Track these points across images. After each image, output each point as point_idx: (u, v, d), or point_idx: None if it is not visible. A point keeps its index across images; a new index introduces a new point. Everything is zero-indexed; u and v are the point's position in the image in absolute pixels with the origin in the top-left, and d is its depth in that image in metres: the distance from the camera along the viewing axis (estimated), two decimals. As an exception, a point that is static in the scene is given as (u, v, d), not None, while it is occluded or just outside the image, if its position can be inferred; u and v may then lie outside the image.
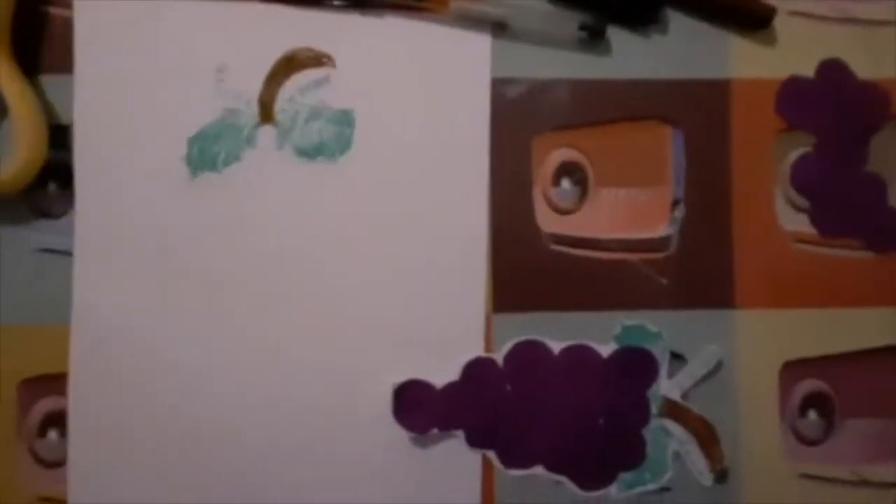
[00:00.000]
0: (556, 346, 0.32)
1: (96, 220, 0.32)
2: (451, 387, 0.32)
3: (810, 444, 0.33)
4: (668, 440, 0.32)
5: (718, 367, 0.32)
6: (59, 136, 0.32)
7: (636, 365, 0.32)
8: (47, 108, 0.32)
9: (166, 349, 0.32)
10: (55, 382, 0.32)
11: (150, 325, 0.32)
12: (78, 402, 0.32)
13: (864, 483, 0.33)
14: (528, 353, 0.32)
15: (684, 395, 0.32)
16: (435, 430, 0.32)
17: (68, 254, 0.32)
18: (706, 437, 0.32)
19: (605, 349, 0.32)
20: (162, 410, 0.32)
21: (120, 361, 0.32)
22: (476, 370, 0.32)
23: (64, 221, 0.32)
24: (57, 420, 0.32)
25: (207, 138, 0.32)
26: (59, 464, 0.32)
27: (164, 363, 0.32)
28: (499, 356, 0.32)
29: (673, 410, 0.32)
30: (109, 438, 0.32)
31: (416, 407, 0.32)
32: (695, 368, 0.32)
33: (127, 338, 0.32)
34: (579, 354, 0.32)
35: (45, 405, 0.32)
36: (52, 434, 0.32)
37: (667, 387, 0.32)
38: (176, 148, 0.32)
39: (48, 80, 0.32)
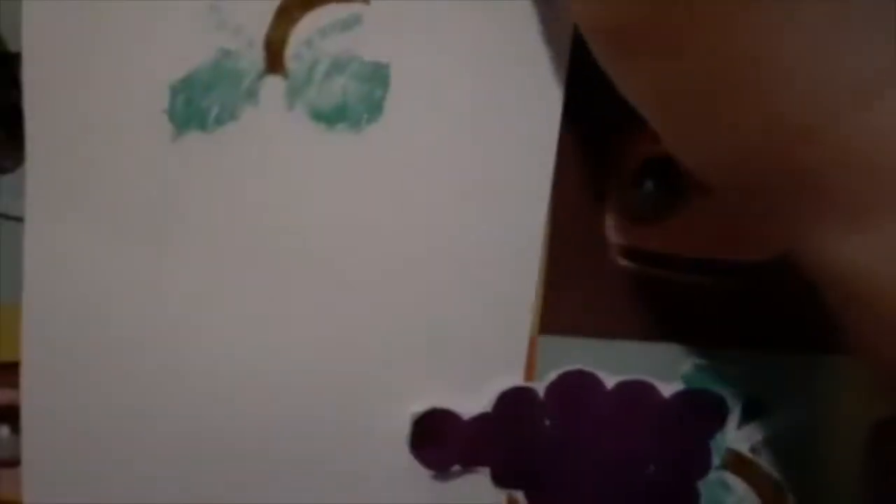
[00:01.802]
0: (609, 381, 0.26)
1: (52, 177, 0.25)
2: (480, 419, 0.25)
3: (894, 514, 0.27)
4: (727, 496, 0.26)
5: (803, 422, 0.26)
6: (6, 67, 0.24)
7: (702, 410, 0.26)
8: (-13, 30, 0.23)
9: (136, 337, 0.26)
10: (6, 372, 0.26)
11: (118, 308, 0.26)
12: (32, 394, 0.26)
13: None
14: (576, 386, 0.26)
15: (754, 449, 0.26)
16: (457, 467, 0.25)
17: (18, 219, 0.24)
18: (773, 499, 0.26)
19: (669, 388, 0.26)
20: (132, 407, 0.26)
21: (80, 348, 0.26)
22: (512, 401, 0.25)
23: (12, 178, 0.24)
24: (9, 415, 0.26)
25: (196, 87, 0.24)
26: (12, 463, 0.27)
27: (133, 353, 0.26)
28: (541, 386, 0.25)
29: (738, 464, 0.26)
30: (69, 435, 0.26)
31: (438, 440, 0.26)
32: (774, 421, 0.26)
33: (89, 322, 0.26)
34: (637, 392, 0.26)
35: None
36: (4, 430, 0.27)
37: (735, 437, 0.26)
38: (156, 96, 0.25)
39: (-12, -9, 0.23)
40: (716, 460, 0.27)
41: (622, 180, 0.26)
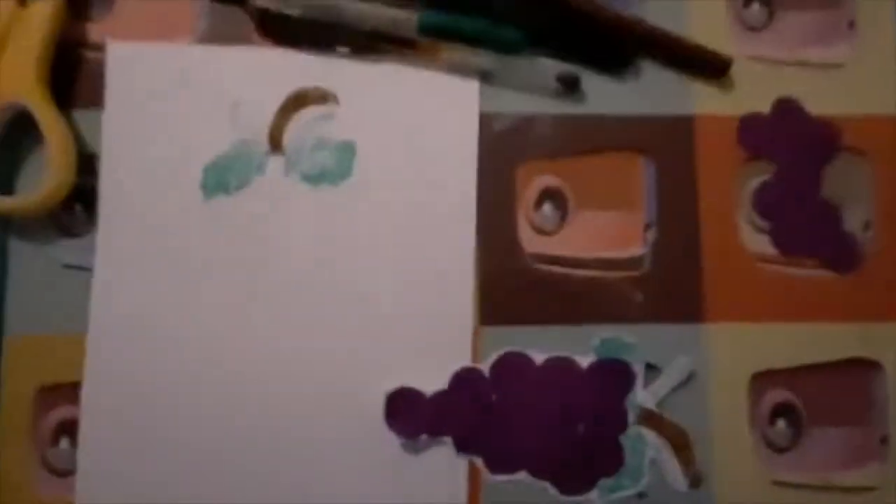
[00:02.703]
0: (538, 358, 0.33)
1: (117, 238, 0.33)
2: (439, 395, 0.32)
3: (780, 451, 0.33)
4: (645, 447, 0.32)
5: (691, 377, 0.33)
6: (87, 163, 0.34)
7: (614, 375, 0.33)
8: (78, 138, 0.33)
9: (177, 360, 0.33)
10: (70, 391, 0.32)
11: (163, 337, 0.33)
12: (90, 410, 0.32)
13: (834, 488, 0.32)
14: (513, 364, 0.32)
15: (659, 404, 0.33)
16: (424, 436, 0.32)
17: (88, 270, 0.33)
18: (679, 443, 0.32)
19: (585, 360, 0.33)
20: (176, 424, 0.32)
21: (133, 372, 0.33)
22: (463, 379, 0.32)
23: (86, 240, 0.33)
24: (70, 428, 0.32)
25: (222, 166, 0.34)
26: (69, 473, 0.32)
27: (175, 374, 0.33)
28: (485, 366, 0.32)
29: (649, 418, 0.32)
30: (119, 448, 0.32)
31: (407, 413, 0.32)
32: (668, 378, 0.33)
33: (140, 349, 0.33)
34: (560, 365, 0.33)
35: (59, 413, 0.32)
36: (65, 442, 0.32)
37: (643, 396, 0.33)
38: (193, 175, 0.34)
39: (80, 114, 0.34)
40: (632, 418, 0.33)
41: (526, 206, 0.35)
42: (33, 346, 0.32)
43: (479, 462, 0.32)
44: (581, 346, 0.33)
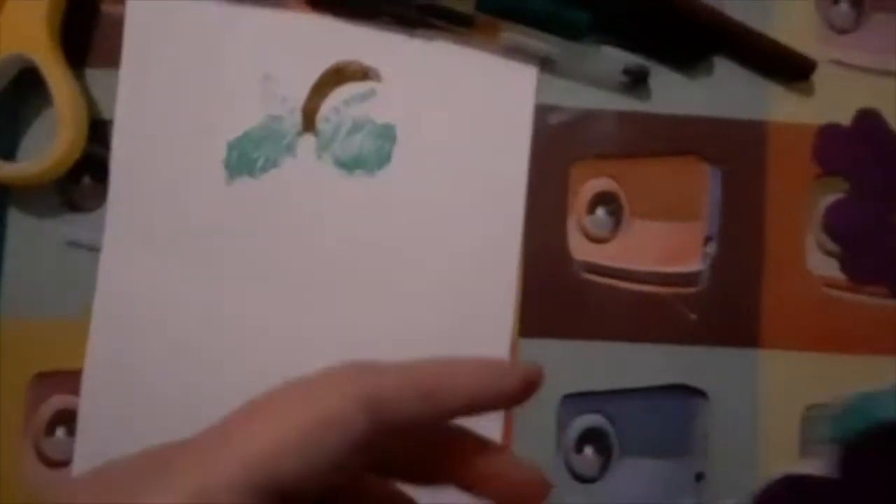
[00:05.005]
0: None
1: (128, 216, 0.29)
2: None
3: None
4: None
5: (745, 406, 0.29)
6: (98, 130, 0.30)
7: None
8: (89, 101, 0.29)
9: (190, 354, 0.29)
10: (69, 379, 0.29)
11: (175, 327, 0.29)
12: (90, 399, 0.29)
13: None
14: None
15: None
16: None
17: (96, 249, 0.29)
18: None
19: None
20: (179, 417, 0.28)
21: (139, 362, 0.29)
22: None
23: (94, 216, 0.30)
24: (67, 418, 0.29)
25: (248, 143, 0.29)
26: (64, 464, 0.29)
27: (186, 368, 0.29)
28: None
29: None
30: (120, 441, 0.28)
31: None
32: (718, 407, 0.29)
33: (149, 338, 0.29)
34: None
35: (56, 402, 0.29)
36: (61, 432, 0.29)
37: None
38: (215, 151, 0.30)
39: (92, 74, 0.29)
40: None
41: (578, 209, 0.31)
42: (30, 331, 0.29)
43: None
44: (627, 364, 0.30)
